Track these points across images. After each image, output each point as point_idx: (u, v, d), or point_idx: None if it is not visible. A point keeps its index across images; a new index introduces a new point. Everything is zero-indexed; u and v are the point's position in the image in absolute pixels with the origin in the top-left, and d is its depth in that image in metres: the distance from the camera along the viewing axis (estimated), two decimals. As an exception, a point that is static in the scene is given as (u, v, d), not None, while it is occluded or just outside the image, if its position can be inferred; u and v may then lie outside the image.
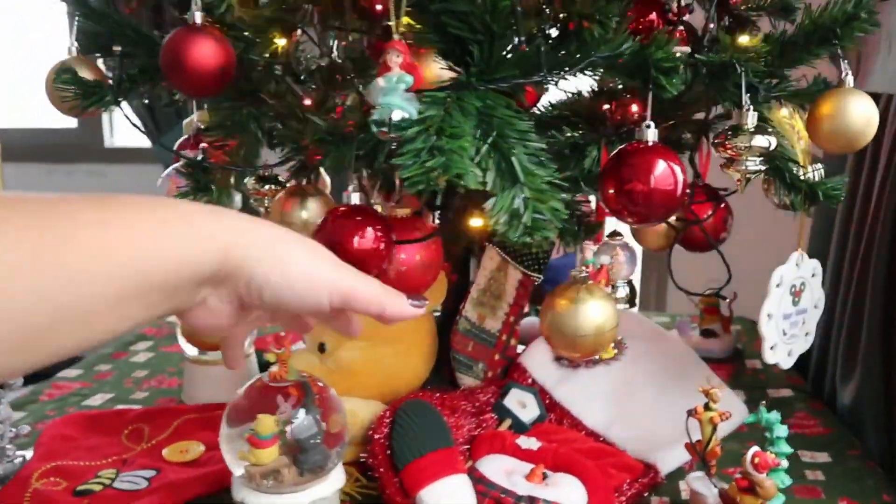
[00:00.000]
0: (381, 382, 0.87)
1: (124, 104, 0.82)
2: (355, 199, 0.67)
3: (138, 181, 3.07)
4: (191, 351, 0.99)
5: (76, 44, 0.85)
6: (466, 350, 0.88)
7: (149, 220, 0.42)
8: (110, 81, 0.82)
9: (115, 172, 3.15)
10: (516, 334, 0.93)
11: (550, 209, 0.59)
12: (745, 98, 0.67)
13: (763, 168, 0.68)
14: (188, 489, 0.78)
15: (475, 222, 0.84)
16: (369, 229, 0.66)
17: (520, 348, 0.95)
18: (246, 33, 0.77)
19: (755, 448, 0.69)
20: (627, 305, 0.89)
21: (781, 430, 0.73)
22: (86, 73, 0.81)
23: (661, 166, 0.63)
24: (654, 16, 0.79)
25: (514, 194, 0.58)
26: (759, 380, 1.08)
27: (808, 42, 0.69)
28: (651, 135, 0.64)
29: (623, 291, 0.89)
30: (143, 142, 3.02)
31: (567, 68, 0.62)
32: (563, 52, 0.62)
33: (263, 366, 1.02)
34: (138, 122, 0.78)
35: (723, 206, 0.90)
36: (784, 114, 0.76)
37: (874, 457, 0.88)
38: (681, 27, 0.78)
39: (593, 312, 0.69)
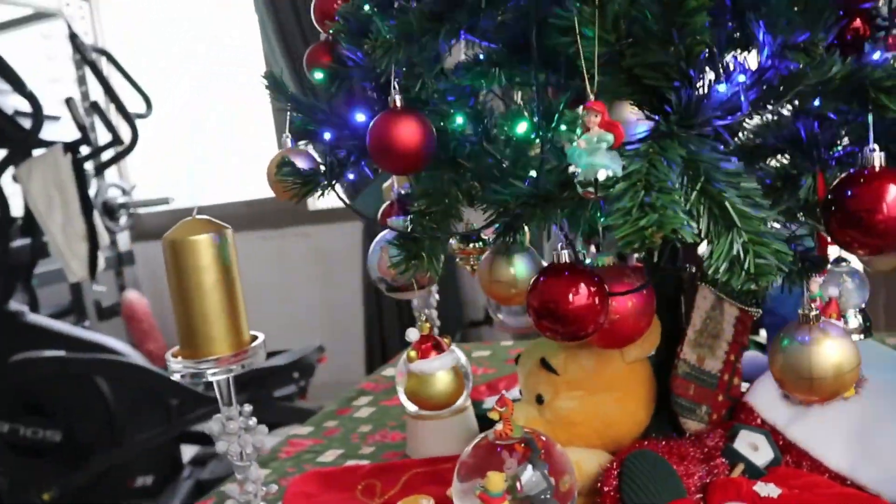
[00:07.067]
0: (601, 431, 0.86)
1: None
2: (564, 256, 0.68)
3: (340, 239, 3.32)
4: (412, 407, 1.04)
5: (289, 135, 0.93)
6: (688, 394, 0.86)
7: None
8: (322, 167, 0.89)
9: (318, 232, 3.42)
10: (739, 373, 0.89)
11: (773, 251, 0.57)
12: None
13: None
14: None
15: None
16: (582, 286, 0.67)
17: (744, 386, 0.90)
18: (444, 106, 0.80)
19: None
20: (862, 336, 0.83)
21: None
22: (301, 163, 0.88)
23: (893, 193, 0.59)
24: (858, 23, 0.74)
25: (731, 240, 0.57)
26: None
27: None
28: (878, 159, 0.60)
29: (856, 321, 0.82)
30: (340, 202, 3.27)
31: (771, 102, 0.60)
32: (763, 86, 0.60)
33: (480, 416, 1.04)
34: (346, 199, 0.83)
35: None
36: None
37: None
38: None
39: (830, 352, 0.65)
